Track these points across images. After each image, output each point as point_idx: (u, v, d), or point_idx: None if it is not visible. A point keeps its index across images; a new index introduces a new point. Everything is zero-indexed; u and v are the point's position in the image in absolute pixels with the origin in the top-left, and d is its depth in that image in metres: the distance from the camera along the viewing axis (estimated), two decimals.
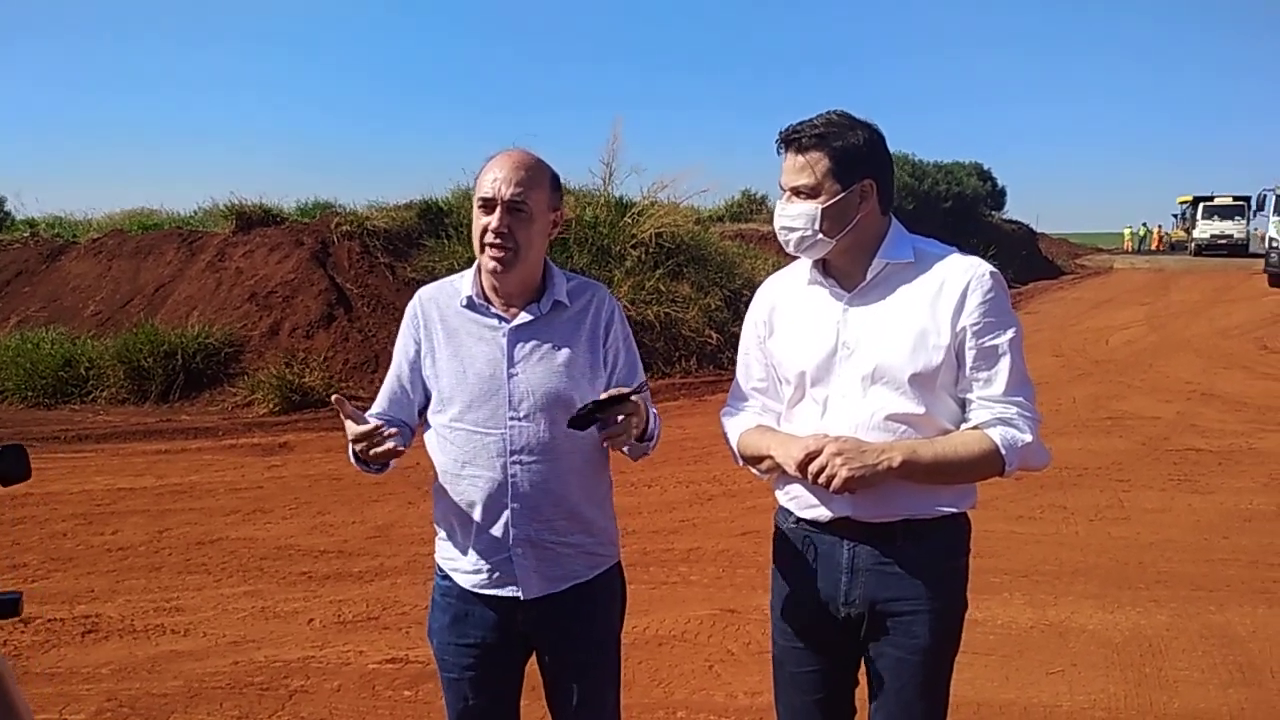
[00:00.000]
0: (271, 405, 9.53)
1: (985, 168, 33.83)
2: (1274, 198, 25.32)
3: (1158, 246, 46.39)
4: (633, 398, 1.99)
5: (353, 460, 2.13)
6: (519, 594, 2.14)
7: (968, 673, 3.84)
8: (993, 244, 25.79)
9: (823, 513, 2.04)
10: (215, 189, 31.34)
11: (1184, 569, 5.10)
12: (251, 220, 12.96)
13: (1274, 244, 24.08)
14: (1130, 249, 46.37)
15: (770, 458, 2.06)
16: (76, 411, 9.67)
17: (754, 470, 2.20)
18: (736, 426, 2.23)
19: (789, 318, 2.15)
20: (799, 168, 1.98)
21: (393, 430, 2.01)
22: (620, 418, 2.00)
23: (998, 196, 34.67)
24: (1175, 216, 46.30)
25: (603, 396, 1.98)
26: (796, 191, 1.99)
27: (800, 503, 2.10)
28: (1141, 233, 48.45)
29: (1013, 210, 36.63)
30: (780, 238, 2.05)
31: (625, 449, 2.15)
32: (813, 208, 1.97)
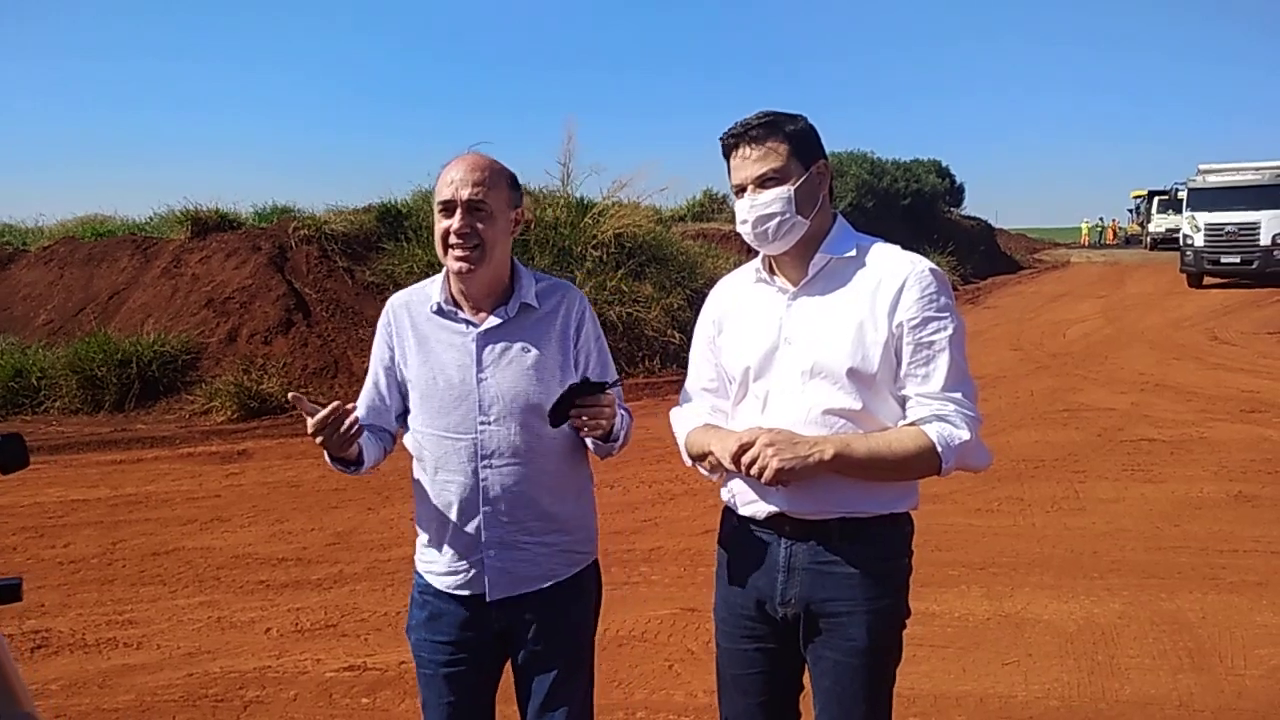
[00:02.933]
0: (229, 413, 9.40)
1: (944, 165, 34.16)
2: (1187, 192, 23.48)
3: (1113, 241, 47.14)
4: (607, 391, 2.03)
5: (329, 461, 2.14)
6: (486, 594, 2.16)
7: (925, 665, 3.89)
8: (952, 240, 26.09)
9: (760, 508, 2.05)
10: (169, 195, 31.01)
11: (1136, 557, 5.19)
12: (208, 226, 12.76)
13: (1188, 241, 22.45)
14: (1087, 243, 47.08)
15: (712, 453, 2.07)
16: (28, 423, 9.45)
17: (699, 468, 2.21)
18: (684, 425, 2.25)
19: (736, 316, 2.17)
20: (762, 156, 2.00)
21: (350, 406, 2.00)
22: (593, 409, 2.03)
23: (956, 193, 35.04)
24: (1130, 211, 47.05)
25: (577, 381, 2.02)
26: (764, 180, 2.00)
27: (739, 499, 2.11)
28: (1099, 227, 49.21)
29: (971, 207, 37.10)
30: (754, 230, 2.02)
31: (590, 444, 2.18)
32: (786, 190, 1.98)
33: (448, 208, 2.09)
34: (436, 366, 2.15)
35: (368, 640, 4.33)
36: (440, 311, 2.18)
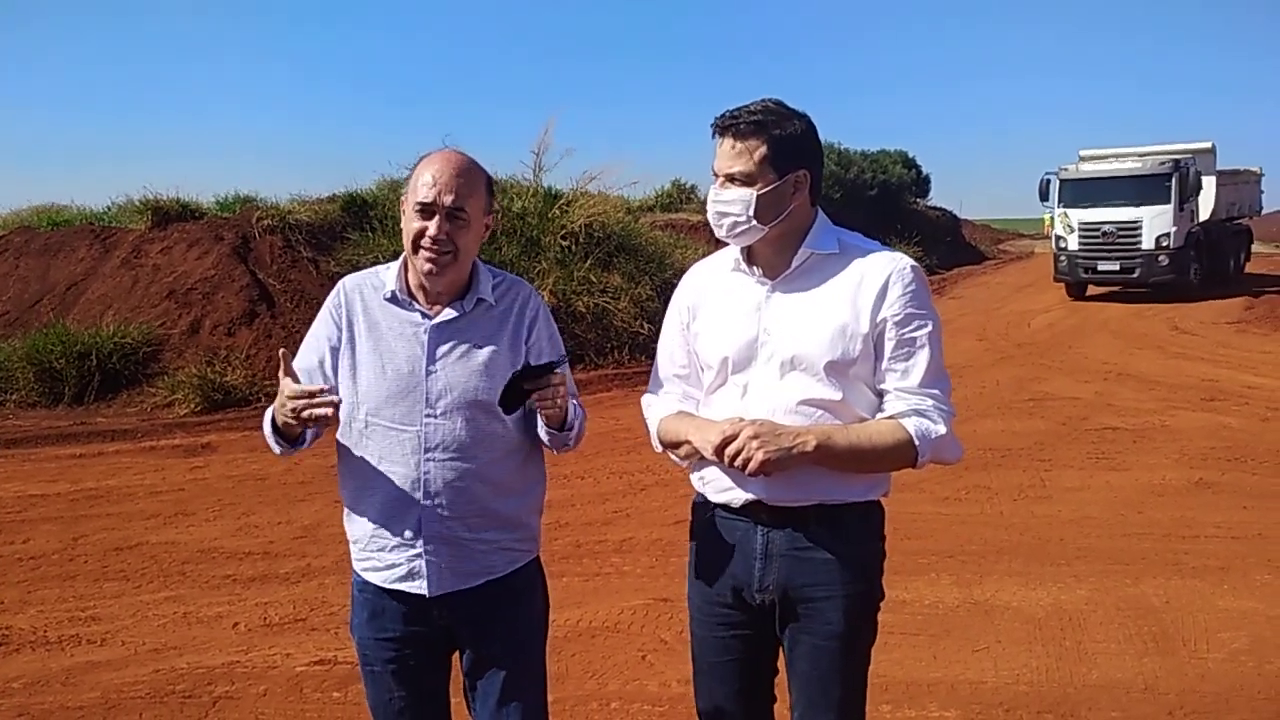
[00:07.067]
0: (193, 405, 9.26)
1: (910, 155, 34.44)
2: (1057, 183, 19.13)
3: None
4: (556, 371, 2.00)
5: (268, 431, 2.09)
6: (425, 590, 2.12)
7: (896, 653, 3.91)
8: (918, 231, 26.30)
9: (736, 495, 2.06)
10: (128, 185, 30.39)
11: (1102, 544, 5.27)
12: (169, 216, 12.51)
13: (1060, 243, 18.89)
14: (1050, 234, 47.60)
15: (688, 443, 2.07)
16: None
17: (672, 455, 2.21)
18: (656, 413, 2.24)
19: (712, 305, 2.16)
20: (736, 154, 1.98)
21: (338, 399, 1.96)
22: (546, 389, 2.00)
23: (922, 184, 35.32)
24: None
25: (519, 369, 2.01)
26: (731, 178, 2.00)
27: (714, 486, 2.12)
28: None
29: (937, 197, 37.34)
30: (713, 222, 2.05)
31: (545, 438, 2.14)
32: (748, 194, 1.98)
33: (426, 211, 2.04)
34: (386, 355, 2.11)
35: (337, 634, 4.27)
36: (394, 299, 2.14)
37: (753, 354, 2.05)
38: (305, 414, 1.91)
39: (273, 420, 2.07)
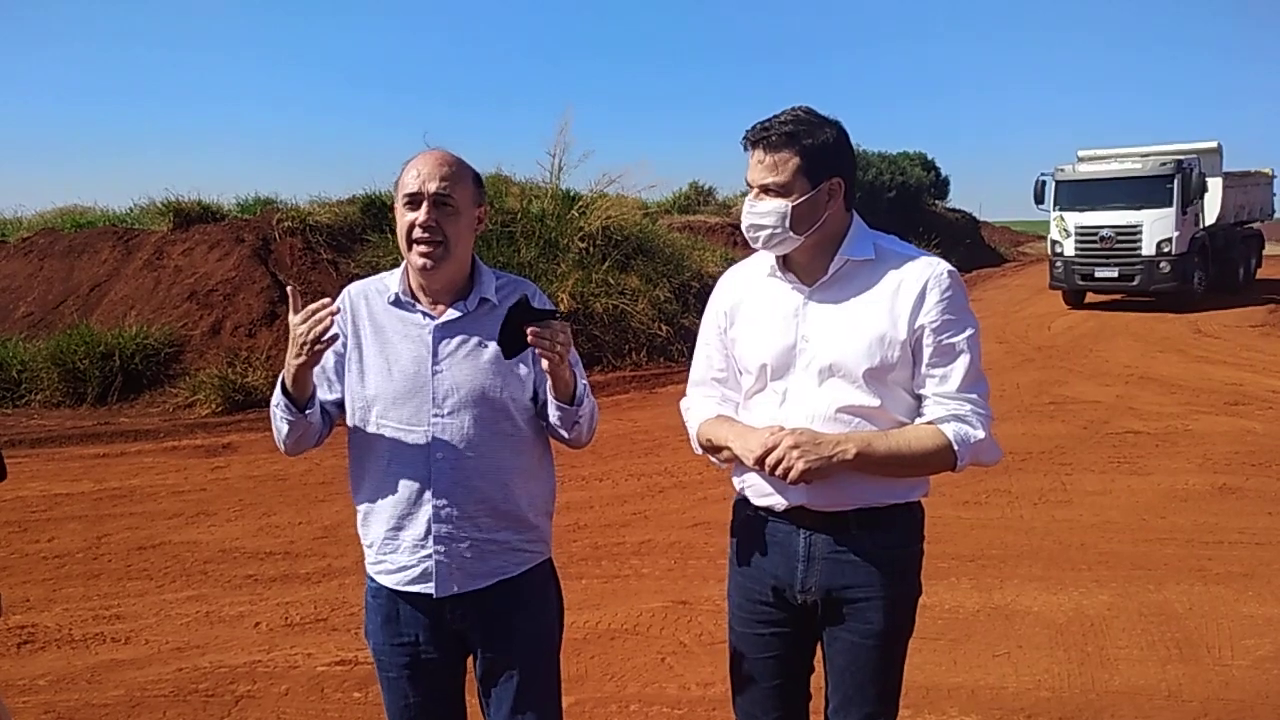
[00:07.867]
0: (214, 406, 9.34)
1: (929, 157, 34.28)
2: (1054, 185, 17.94)
3: None
4: (557, 318, 1.98)
5: (277, 401, 2.08)
6: (433, 591, 2.12)
7: (916, 657, 3.86)
8: (937, 233, 26.16)
9: (778, 501, 2.08)
10: (150, 187, 30.67)
11: (1124, 549, 5.23)
12: (190, 217, 12.65)
13: (1057, 249, 17.82)
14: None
15: (729, 449, 2.09)
16: (8, 415, 9.37)
17: (712, 459, 2.23)
18: (696, 415, 2.26)
19: (750, 310, 2.17)
20: (769, 166, 1.99)
21: (337, 308, 1.97)
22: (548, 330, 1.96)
23: (941, 186, 35.14)
24: None
25: (517, 302, 1.98)
26: (766, 189, 2.01)
27: (756, 491, 2.13)
28: None
29: (956, 199, 37.12)
30: (748, 234, 2.06)
31: (555, 417, 2.13)
32: (783, 205, 1.99)
33: (413, 201, 2.06)
34: (392, 357, 2.12)
35: (358, 634, 4.29)
36: (397, 303, 2.15)
37: (791, 361, 2.06)
38: (316, 344, 1.93)
39: (283, 387, 2.06)
